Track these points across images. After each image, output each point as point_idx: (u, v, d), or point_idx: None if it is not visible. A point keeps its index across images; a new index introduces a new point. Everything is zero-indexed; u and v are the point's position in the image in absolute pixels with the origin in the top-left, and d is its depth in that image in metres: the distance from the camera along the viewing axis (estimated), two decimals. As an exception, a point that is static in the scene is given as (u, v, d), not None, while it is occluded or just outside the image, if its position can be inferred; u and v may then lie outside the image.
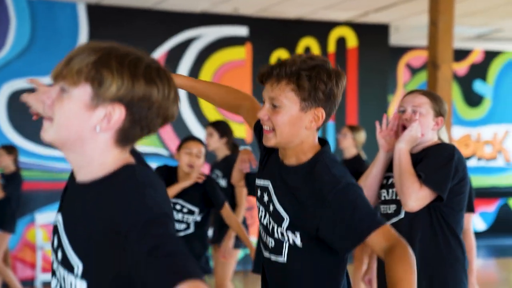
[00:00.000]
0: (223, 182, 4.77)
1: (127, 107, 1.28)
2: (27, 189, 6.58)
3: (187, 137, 4.10)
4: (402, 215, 2.56)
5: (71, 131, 1.29)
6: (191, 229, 3.89)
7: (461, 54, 9.42)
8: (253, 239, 7.28)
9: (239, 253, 4.87)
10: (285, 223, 1.83)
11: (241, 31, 7.57)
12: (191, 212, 3.91)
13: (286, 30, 7.76)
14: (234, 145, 4.95)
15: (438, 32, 6.12)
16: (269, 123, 1.84)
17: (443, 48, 6.11)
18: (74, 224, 1.32)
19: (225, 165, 4.79)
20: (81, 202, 1.31)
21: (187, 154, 3.85)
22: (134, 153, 1.40)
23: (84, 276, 1.27)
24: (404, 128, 2.65)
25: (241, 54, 7.56)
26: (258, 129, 2.04)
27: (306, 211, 1.78)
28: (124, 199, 1.25)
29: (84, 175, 1.32)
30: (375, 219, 1.72)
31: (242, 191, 4.66)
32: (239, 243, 4.78)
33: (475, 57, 9.88)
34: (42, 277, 6.76)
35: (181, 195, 3.88)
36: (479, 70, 9.85)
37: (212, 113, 7.41)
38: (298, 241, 1.81)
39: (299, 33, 7.81)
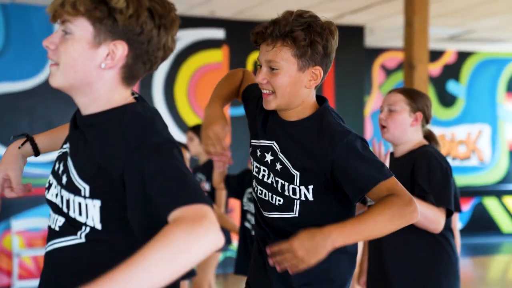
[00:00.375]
0: (207, 186, 4.76)
1: (129, 43, 1.32)
2: (2, 196, 6.48)
3: None
4: None
5: (78, 71, 1.32)
6: None
7: (434, 55, 9.53)
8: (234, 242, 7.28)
9: (219, 256, 4.86)
10: (297, 179, 1.83)
11: (218, 34, 7.56)
12: None
13: (263, 33, 7.76)
14: None
15: (413, 33, 6.19)
16: (269, 86, 1.83)
17: (419, 49, 6.18)
18: (81, 151, 1.36)
19: (208, 169, 4.78)
20: (89, 131, 1.36)
21: None
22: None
23: (93, 196, 1.32)
24: (383, 127, 2.67)
25: (218, 57, 7.55)
26: (246, 95, 2.03)
27: (318, 162, 1.79)
28: (133, 123, 1.32)
29: (91, 111, 1.36)
30: (383, 171, 1.76)
31: (222, 194, 4.65)
32: (224, 244, 4.77)
33: (448, 58, 10.00)
34: (19, 284, 6.66)
35: None
36: (452, 71, 9.98)
37: (190, 117, 7.39)
38: (310, 196, 1.82)
39: (275, 35, 7.82)
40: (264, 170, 1.91)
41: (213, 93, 2.04)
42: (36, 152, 1.74)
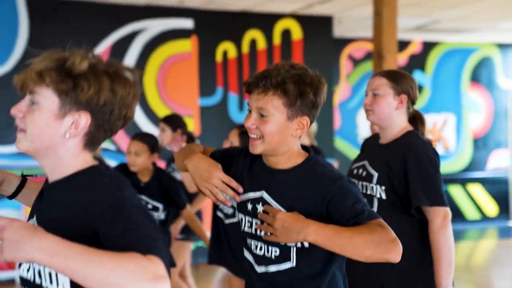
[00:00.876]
0: (179, 175, 4.75)
1: (92, 113, 1.41)
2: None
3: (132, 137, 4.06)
4: (375, 210, 2.60)
5: (44, 140, 1.41)
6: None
7: (401, 45, 9.62)
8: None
9: (191, 246, 4.86)
10: None
11: (187, 23, 7.52)
12: (155, 209, 3.89)
13: (232, 23, 7.75)
14: (190, 137, 4.92)
15: (382, 23, 6.24)
16: (257, 132, 1.90)
17: (387, 39, 6.23)
18: (48, 220, 1.43)
19: None
20: (54, 199, 1.45)
21: (128, 154, 3.85)
22: (99, 160, 1.55)
23: None
24: (367, 110, 2.68)
25: (187, 46, 7.50)
26: (217, 157, 2.04)
27: (314, 205, 1.84)
28: (95, 189, 1.39)
29: (56, 177, 1.46)
30: (373, 213, 1.84)
31: (200, 196, 4.66)
32: (191, 236, 4.76)
33: (414, 48, 10.12)
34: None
35: (144, 191, 3.85)
36: (418, 61, 10.11)
37: (160, 108, 7.34)
38: (306, 243, 1.85)
39: (244, 26, 7.81)
40: (256, 223, 1.94)
41: (185, 153, 2.09)
42: (13, 195, 1.82)
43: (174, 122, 4.83)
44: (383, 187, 2.60)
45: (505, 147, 10.52)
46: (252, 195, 1.95)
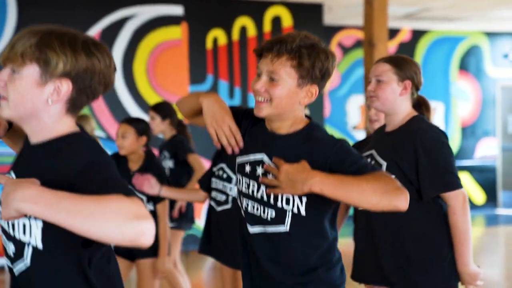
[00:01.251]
0: (170, 163, 4.74)
1: (73, 80, 1.46)
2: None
3: None
4: None
5: (26, 107, 1.46)
6: None
7: (390, 33, 9.64)
8: (198, 221, 7.28)
9: (183, 235, 4.85)
10: None
11: (177, 10, 7.47)
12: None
13: (222, 10, 7.72)
14: (180, 124, 4.90)
15: (373, 11, 6.24)
16: (266, 95, 1.91)
17: (378, 27, 6.24)
18: (28, 175, 1.44)
19: (171, 145, 4.75)
20: (35, 159, 1.50)
21: (116, 138, 3.86)
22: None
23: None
24: (371, 97, 2.64)
25: (177, 33, 7.47)
26: (232, 111, 2.06)
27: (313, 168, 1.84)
28: (74, 153, 1.46)
29: (38, 139, 1.50)
30: (376, 167, 1.87)
31: (196, 158, 4.64)
32: (183, 224, 4.75)
33: (403, 36, 10.14)
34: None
35: (130, 180, 3.82)
36: (407, 49, 10.12)
37: (150, 95, 7.31)
38: (303, 209, 1.88)
39: (234, 13, 7.78)
40: (253, 185, 1.95)
41: (196, 94, 2.10)
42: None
43: (164, 110, 4.80)
44: (393, 176, 2.56)
45: (493, 135, 10.60)
46: (252, 157, 1.96)
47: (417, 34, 10.19)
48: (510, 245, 8.15)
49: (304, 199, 1.88)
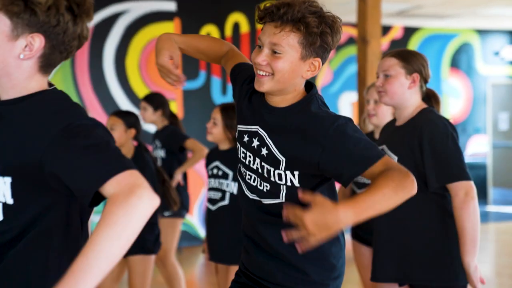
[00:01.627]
0: (161, 153, 4.74)
1: (45, 35, 1.41)
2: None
3: None
4: None
5: None
6: None
7: (382, 30, 9.67)
8: (190, 218, 7.24)
9: (181, 223, 4.79)
10: (283, 164, 1.82)
11: (169, 6, 7.45)
12: None
13: (215, 6, 7.70)
14: (172, 115, 4.90)
15: (367, 8, 6.25)
16: (268, 68, 1.80)
17: (372, 24, 6.25)
18: None
19: (164, 135, 4.76)
20: (8, 115, 1.43)
21: None
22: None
23: (5, 173, 1.39)
24: (380, 92, 2.63)
25: (170, 29, 7.44)
26: (234, 74, 2.02)
27: (305, 148, 1.77)
28: (50, 108, 1.41)
29: (9, 96, 1.45)
30: (377, 150, 1.75)
31: (193, 141, 4.63)
32: (182, 212, 4.71)
33: (395, 34, 10.16)
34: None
35: None
36: (399, 46, 10.14)
37: (142, 90, 7.28)
38: (296, 181, 1.82)
39: (227, 9, 7.77)
40: (250, 156, 1.90)
41: (184, 35, 2.10)
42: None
43: (155, 100, 4.80)
44: (395, 158, 2.56)
45: (484, 133, 10.65)
46: (249, 128, 1.91)
47: (409, 31, 10.21)
48: (500, 241, 8.20)
49: (297, 173, 1.81)
